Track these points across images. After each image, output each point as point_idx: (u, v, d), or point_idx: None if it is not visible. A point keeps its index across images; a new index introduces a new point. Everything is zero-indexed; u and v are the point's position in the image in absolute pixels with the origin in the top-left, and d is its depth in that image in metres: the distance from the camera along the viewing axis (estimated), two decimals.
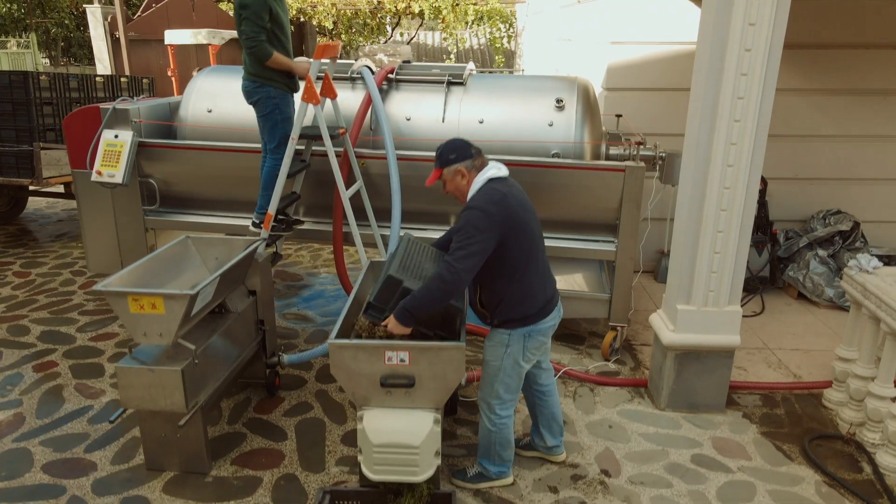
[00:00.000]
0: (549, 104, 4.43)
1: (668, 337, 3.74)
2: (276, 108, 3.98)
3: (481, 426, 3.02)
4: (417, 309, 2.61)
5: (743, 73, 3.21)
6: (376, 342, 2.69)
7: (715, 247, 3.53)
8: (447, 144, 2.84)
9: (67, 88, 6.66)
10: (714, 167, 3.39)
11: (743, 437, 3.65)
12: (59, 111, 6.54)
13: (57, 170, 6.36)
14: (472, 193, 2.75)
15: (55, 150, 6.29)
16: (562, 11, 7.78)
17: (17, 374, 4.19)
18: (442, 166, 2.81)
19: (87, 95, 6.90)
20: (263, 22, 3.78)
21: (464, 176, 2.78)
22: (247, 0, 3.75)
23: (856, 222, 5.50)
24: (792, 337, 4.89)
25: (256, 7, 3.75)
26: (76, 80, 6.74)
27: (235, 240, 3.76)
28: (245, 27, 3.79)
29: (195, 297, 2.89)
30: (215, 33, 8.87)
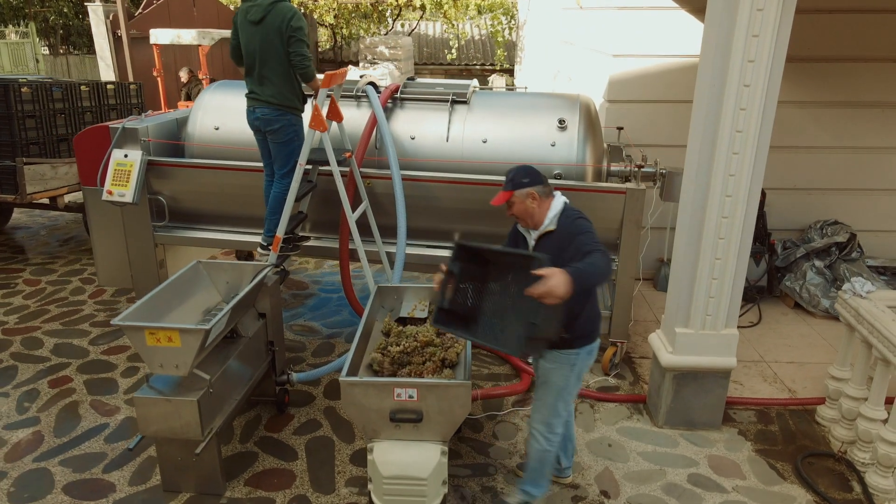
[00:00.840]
0: (552, 124, 4.50)
1: (666, 358, 3.85)
2: (296, 135, 4.08)
3: (535, 451, 3.03)
4: (586, 277, 2.52)
5: (746, 85, 3.25)
6: (385, 380, 2.80)
7: (713, 273, 3.63)
8: (519, 169, 2.89)
9: (51, 99, 6.49)
10: (713, 198, 3.48)
11: (738, 456, 3.78)
12: (43, 124, 6.41)
13: (42, 184, 6.21)
14: (551, 215, 2.84)
15: (39, 165, 6.15)
16: (563, 13, 7.80)
17: (34, 389, 4.31)
18: (513, 189, 2.84)
19: (72, 106, 6.74)
20: (309, 44, 3.93)
21: (535, 199, 2.82)
22: (301, 23, 3.93)
23: (852, 234, 5.60)
24: (787, 349, 5.00)
25: (307, 29, 3.92)
26: (60, 90, 6.59)
27: (245, 265, 3.86)
28: (301, 48, 3.95)
29: (209, 331, 3.00)
30: (205, 34, 8.75)
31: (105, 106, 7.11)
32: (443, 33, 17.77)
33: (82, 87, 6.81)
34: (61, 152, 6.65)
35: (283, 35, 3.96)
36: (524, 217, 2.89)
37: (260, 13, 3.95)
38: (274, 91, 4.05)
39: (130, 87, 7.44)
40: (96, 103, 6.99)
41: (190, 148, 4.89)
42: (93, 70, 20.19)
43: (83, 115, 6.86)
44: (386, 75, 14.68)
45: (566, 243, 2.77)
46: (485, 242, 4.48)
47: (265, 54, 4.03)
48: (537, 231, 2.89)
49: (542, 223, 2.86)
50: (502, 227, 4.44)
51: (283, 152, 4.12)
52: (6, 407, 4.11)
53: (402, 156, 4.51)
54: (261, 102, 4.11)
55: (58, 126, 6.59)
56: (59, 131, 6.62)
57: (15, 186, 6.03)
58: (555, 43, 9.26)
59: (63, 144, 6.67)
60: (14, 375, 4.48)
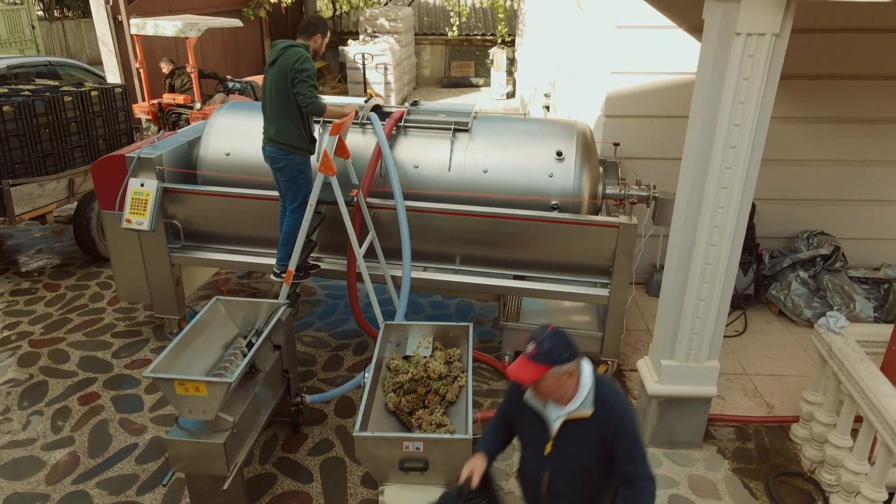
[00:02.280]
0: (550, 155, 4.70)
1: (652, 387, 4.16)
2: (301, 174, 4.30)
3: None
4: None
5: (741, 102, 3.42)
6: (395, 434, 3.11)
7: (697, 312, 3.90)
8: (555, 339, 2.28)
9: (34, 114, 6.21)
10: (697, 249, 3.72)
11: (715, 475, 4.13)
12: (28, 141, 6.18)
13: (30, 204, 6.11)
14: (584, 393, 2.35)
15: (26, 185, 6.04)
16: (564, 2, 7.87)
17: (65, 407, 4.64)
18: (552, 364, 2.25)
19: (56, 119, 6.46)
20: (315, 81, 4.10)
21: (572, 375, 2.32)
22: (305, 65, 4.11)
23: (836, 246, 5.84)
24: (769, 361, 5.31)
25: (313, 70, 4.13)
26: (42, 104, 6.31)
27: (260, 303, 4.13)
28: (303, 88, 4.12)
29: (232, 383, 3.29)
30: (190, 25, 8.49)
31: (90, 114, 6.88)
32: (443, 2, 17.56)
33: (66, 99, 6.57)
34: (47, 167, 6.45)
35: (288, 77, 4.14)
36: (553, 394, 2.34)
37: (274, 55, 4.16)
38: (279, 130, 4.26)
39: (115, 91, 7.23)
40: (80, 112, 6.75)
41: (202, 173, 5.09)
42: (89, 34, 19.97)
43: (68, 125, 6.62)
44: (386, 51, 14.68)
45: (604, 438, 2.34)
46: (484, 268, 4.77)
47: (273, 95, 4.22)
48: (563, 411, 2.36)
49: (570, 400, 2.35)
50: (501, 251, 4.72)
51: (290, 189, 4.35)
52: (42, 426, 4.45)
53: (406, 185, 4.72)
54: (269, 140, 4.31)
55: (42, 141, 6.37)
56: (44, 146, 6.40)
57: (3, 209, 5.95)
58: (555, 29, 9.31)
59: (49, 159, 6.46)
60: (46, 392, 4.80)
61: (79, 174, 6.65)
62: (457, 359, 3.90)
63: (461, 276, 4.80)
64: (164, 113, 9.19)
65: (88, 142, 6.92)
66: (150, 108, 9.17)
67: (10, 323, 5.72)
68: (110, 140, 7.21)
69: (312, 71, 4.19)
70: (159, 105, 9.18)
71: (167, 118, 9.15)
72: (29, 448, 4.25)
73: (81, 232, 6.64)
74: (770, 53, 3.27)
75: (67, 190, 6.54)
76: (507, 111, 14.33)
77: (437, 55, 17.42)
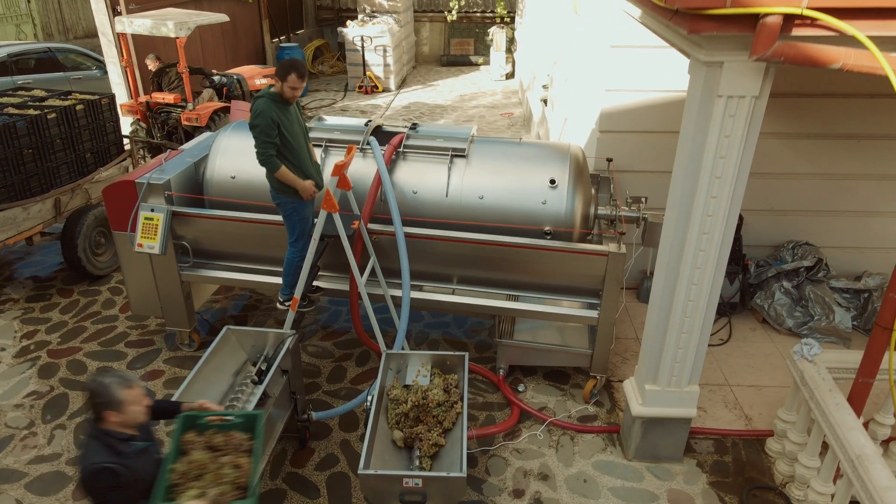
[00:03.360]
0: (543, 182, 4.89)
1: (636, 409, 4.44)
2: (294, 212, 4.50)
3: None
4: None
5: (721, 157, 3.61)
6: (396, 472, 3.40)
7: (679, 343, 4.16)
8: None
9: (16, 136, 6.01)
10: (678, 295, 3.96)
11: (693, 489, 4.45)
12: (10, 165, 6.01)
13: (14, 228, 6.03)
14: None
15: (10, 210, 5.96)
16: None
17: (86, 421, 4.93)
18: None
19: (40, 139, 6.27)
20: (272, 138, 4.24)
21: None
22: (255, 121, 4.21)
23: (819, 258, 6.07)
24: (750, 371, 5.59)
25: (264, 125, 4.21)
26: (24, 123, 6.10)
27: (267, 333, 4.38)
28: (256, 145, 4.27)
29: None
30: (181, 24, 8.35)
31: (76, 129, 6.68)
32: None
33: (49, 116, 6.33)
34: (32, 189, 6.29)
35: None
36: None
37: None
38: (269, 178, 4.51)
39: (102, 103, 6.99)
40: (66, 128, 6.53)
41: (208, 193, 5.29)
42: (85, 7, 19.76)
43: (52, 143, 6.42)
44: (385, 32, 14.66)
45: None
46: (481, 287, 5.01)
47: None
48: None
49: None
50: (496, 273, 4.95)
51: (287, 224, 4.59)
52: (65, 441, 4.76)
53: (405, 210, 4.93)
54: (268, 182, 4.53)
55: (26, 163, 6.17)
56: (27, 168, 6.20)
57: None
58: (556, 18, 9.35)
59: (33, 180, 6.29)
60: (67, 405, 5.10)
61: (65, 192, 6.49)
62: (454, 385, 4.18)
63: (458, 296, 5.05)
64: (152, 112, 9.16)
65: (75, 157, 6.73)
66: (139, 107, 9.15)
67: (28, 332, 5.99)
68: (98, 153, 7.01)
69: (264, 125, 4.22)
70: (147, 104, 9.15)
71: (156, 117, 9.16)
72: (55, 463, 4.56)
73: (70, 251, 6.49)
74: (750, 114, 3.45)
75: (54, 210, 6.42)
76: (505, 94, 14.37)
77: (437, 32, 17.32)
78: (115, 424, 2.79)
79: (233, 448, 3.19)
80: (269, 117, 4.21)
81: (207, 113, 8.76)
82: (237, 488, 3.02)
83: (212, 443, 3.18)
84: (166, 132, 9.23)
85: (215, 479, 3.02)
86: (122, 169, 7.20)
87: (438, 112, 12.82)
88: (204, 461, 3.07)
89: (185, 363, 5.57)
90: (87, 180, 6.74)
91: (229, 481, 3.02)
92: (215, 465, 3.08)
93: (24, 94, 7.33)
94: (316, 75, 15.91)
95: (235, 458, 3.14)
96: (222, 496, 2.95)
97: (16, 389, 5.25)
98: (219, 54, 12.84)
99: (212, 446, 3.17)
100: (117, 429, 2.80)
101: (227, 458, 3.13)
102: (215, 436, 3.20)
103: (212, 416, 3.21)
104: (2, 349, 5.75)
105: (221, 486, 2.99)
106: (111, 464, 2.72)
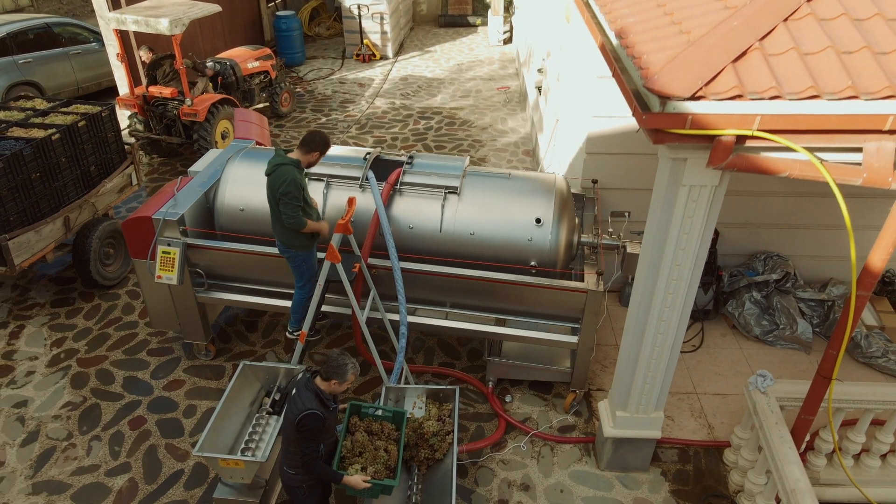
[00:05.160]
0: (530, 220, 5.29)
1: (608, 431, 5.02)
2: (303, 262, 4.94)
3: None
4: None
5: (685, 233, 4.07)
6: None
7: (646, 379, 4.69)
8: None
9: (23, 163, 6.16)
10: (647, 336, 4.45)
11: (657, 497, 5.08)
12: (20, 192, 6.20)
13: (29, 251, 6.26)
14: None
15: (24, 234, 6.17)
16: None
17: (119, 432, 5.53)
18: None
19: (46, 161, 6.41)
20: (299, 201, 4.62)
21: None
22: (286, 188, 4.59)
23: (787, 272, 6.54)
24: (717, 378, 6.15)
25: (295, 192, 4.58)
26: (31, 149, 6.23)
27: (278, 368, 4.90)
28: (288, 210, 4.65)
29: (263, 462, 4.14)
30: (175, 21, 8.31)
31: (79, 145, 6.83)
32: None
33: (54, 138, 6.48)
34: (42, 210, 6.48)
35: (276, 197, 4.70)
36: None
37: (269, 169, 4.67)
38: (278, 232, 4.93)
39: (102, 115, 7.09)
40: (70, 146, 6.70)
41: (219, 222, 5.70)
42: None
43: (58, 163, 6.59)
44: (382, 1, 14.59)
45: None
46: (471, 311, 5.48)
47: (270, 203, 4.83)
48: None
49: None
50: (485, 301, 5.43)
51: (295, 273, 5.05)
52: (102, 452, 5.36)
53: (402, 244, 5.35)
54: (277, 235, 4.94)
55: (35, 186, 6.35)
56: (36, 191, 6.39)
57: (3, 261, 6.13)
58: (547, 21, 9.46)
59: (43, 202, 6.48)
60: (99, 416, 5.68)
61: (73, 209, 6.71)
62: (447, 415, 4.74)
63: (450, 321, 5.54)
64: (149, 104, 9.25)
65: (80, 172, 6.89)
66: (136, 101, 9.26)
67: (57, 339, 6.52)
68: (102, 165, 7.17)
69: (295, 193, 4.64)
70: (144, 97, 9.23)
71: (153, 110, 9.27)
72: (94, 475, 5.17)
73: (82, 266, 6.83)
74: (710, 199, 3.85)
75: (63, 227, 6.63)
76: (503, 63, 14.38)
77: None
78: (329, 390, 3.82)
79: (385, 436, 4.32)
80: (297, 184, 4.64)
81: (205, 108, 8.91)
82: (387, 469, 4.12)
83: (370, 428, 4.31)
84: (164, 125, 9.41)
85: (372, 459, 4.13)
86: (125, 177, 7.42)
87: (435, 86, 12.93)
88: (364, 442, 4.19)
89: (202, 372, 6.13)
90: (93, 194, 6.94)
91: (382, 462, 4.13)
92: (372, 447, 4.19)
93: (25, 104, 7.37)
94: (313, 38, 15.83)
95: (387, 443, 4.27)
96: (377, 474, 4.04)
97: (52, 400, 5.82)
98: (215, 24, 12.79)
99: (370, 431, 4.30)
100: (328, 392, 3.83)
101: (381, 443, 4.24)
102: (372, 423, 4.34)
103: (371, 407, 4.42)
104: (35, 357, 6.30)
105: (376, 465, 4.09)
106: (321, 412, 3.72)
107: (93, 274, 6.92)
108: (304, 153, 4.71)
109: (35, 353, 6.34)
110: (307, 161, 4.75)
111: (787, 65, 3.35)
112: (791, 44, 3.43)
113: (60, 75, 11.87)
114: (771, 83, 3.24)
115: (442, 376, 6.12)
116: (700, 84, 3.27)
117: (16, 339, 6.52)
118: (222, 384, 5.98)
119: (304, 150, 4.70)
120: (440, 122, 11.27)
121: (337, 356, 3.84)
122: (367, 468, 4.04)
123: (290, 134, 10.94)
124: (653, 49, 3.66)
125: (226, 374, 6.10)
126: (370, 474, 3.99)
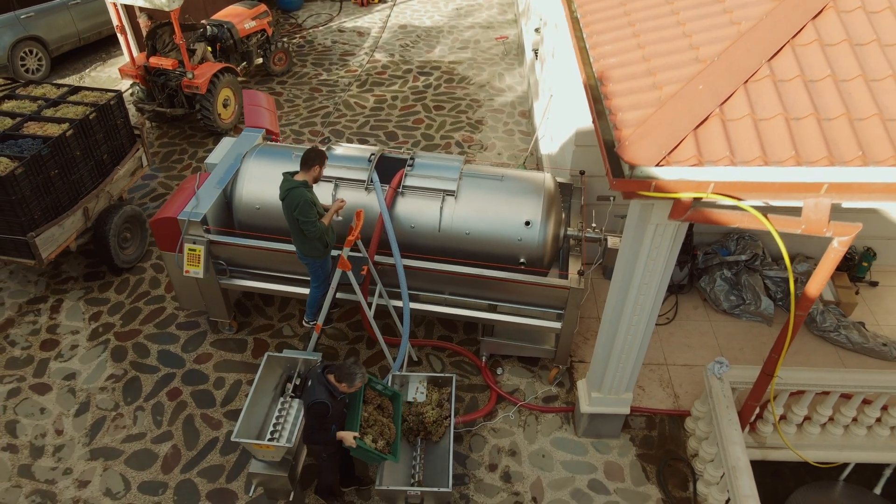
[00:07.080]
0: (520, 222, 5.85)
1: (585, 408, 5.81)
2: (320, 268, 5.55)
3: None
4: None
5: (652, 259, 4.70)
6: (403, 488, 4.81)
7: (619, 364, 5.41)
8: None
9: (43, 163, 6.43)
10: (623, 323, 5.13)
11: (624, 460, 5.94)
12: (42, 190, 6.48)
13: (54, 244, 6.63)
14: None
15: (49, 230, 6.53)
16: None
17: (159, 403, 6.33)
18: None
19: (63, 157, 6.66)
20: (314, 217, 5.18)
21: None
22: (301, 211, 5.14)
23: (756, 253, 7.16)
24: (685, 350, 6.90)
25: (309, 211, 5.12)
26: (48, 149, 6.47)
27: (297, 358, 5.62)
28: (307, 227, 5.21)
29: (291, 447, 4.94)
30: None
31: (92, 137, 7.08)
32: None
33: (68, 134, 6.71)
34: (62, 204, 6.79)
35: (294, 217, 5.24)
36: None
37: (282, 193, 5.20)
38: (297, 245, 5.52)
39: (111, 104, 7.29)
40: (83, 139, 6.94)
41: (237, 219, 6.26)
42: None
43: (74, 156, 6.84)
44: None
45: None
46: (467, 298, 6.15)
47: (288, 220, 5.37)
48: None
49: None
50: (479, 292, 6.08)
51: (312, 275, 5.67)
52: (147, 421, 6.17)
53: (404, 242, 5.95)
54: (296, 246, 5.55)
55: (54, 182, 6.62)
56: (56, 187, 6.66)
57: (32, 255, 6.56)
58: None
59: (63, 196, 6.79)
60: (140, 388, 6.46)
61: (91, 199, 7.03)
62: (446, 399, 5.52)
63: (448, 307, 6.21)
64: (150, 74, 9.40)
65: (94, 162, 7.16)
66: (137, 71, 9.42)
67: (94, 313, 7.22)
68: (114, 152, 7.45)
69: (310, 211, 5.18)
70: (146, 67, 9.38)
71: (156, 80, 9.43)
72: (142, 442, 6.01)
73: (104, 251, 7.27)
74: (674, 234, 4.43)
75: (83, 217, 6.99)
76: (501, 8, 14.28)
77: None
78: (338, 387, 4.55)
79: (388, 413, 5.03)
80: (309, 203, 5.18)
81: (206, 80, 9.13)
82: (388, 445, 4.82)
83: (382, 404, 5.04)
84: (166, 95, 9.64)
85: (380, 433, 4.82)
86: (136, 161, 7.80)
87: (434, 36, 12.99)
88: (374, 416, 4.89)
89: (227, 345, 6.87)
90: (108, 182, 7.32)
91: (386, 438, 4.82)
92: (380, 422, 4.86)
93: (34, 92, 7.56)
94: None
95: (389, 422, 4.96)
96: (385, 447, 4.77)
97: (97, 373, 6.59)
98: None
99: (380, 406, 5.02)
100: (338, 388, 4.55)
101: (386, 420, 4.93)
102: (381, 399, 5.06)
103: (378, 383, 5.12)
104: (76, 332, 7.02)
105: (382, 440, 4.78)
106: (329, 402, 4.47)
107: (113, 259, 7.35)
108: (307, 171, 5.22)
109: (76, 328, 7.06)
110: (312, 177, 5.26)
111: (742, 132, 3.84)
112: (747, 110, 3.90)
113: (62, 27, 11.95)
114: (725, 152, 3.74)
115: (441, 349, 6.87)
116: (664, 153, 3.77)
117: (56, 314, 7.22)
118: (245, 357, 6.73)
119: (305, 169, 5.21)
120: (439, 79, 11.50)
121: (350, 365, 4.53)
122: (377, 440, 4.78)
123: (292, 92, 11.20)
124: (627, 105, 4.12)
125: (248, 348, 6.84)
126: (381, 448, 4.74)
